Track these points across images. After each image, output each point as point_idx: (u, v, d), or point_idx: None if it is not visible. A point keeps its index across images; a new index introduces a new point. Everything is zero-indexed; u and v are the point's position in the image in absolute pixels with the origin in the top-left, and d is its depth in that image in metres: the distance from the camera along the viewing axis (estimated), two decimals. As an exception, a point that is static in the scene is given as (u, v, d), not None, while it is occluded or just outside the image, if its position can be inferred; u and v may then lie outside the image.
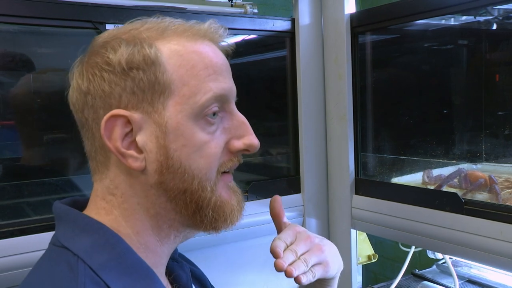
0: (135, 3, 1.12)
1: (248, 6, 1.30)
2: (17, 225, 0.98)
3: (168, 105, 0.63)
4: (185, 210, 0.65)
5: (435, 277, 1.52)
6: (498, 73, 1.40)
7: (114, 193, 0.65)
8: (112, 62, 0.62)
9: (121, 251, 0.62)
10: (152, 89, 0.62)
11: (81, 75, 0.64)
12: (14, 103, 1.10)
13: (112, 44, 0.63)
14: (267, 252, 0.71)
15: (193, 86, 0.63)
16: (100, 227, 0.63)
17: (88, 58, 0.65)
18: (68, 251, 0.61)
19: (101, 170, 0.66)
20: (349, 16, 1.27)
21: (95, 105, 0.63)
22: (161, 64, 0.62)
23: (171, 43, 0.64)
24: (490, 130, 1.36)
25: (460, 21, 1.38)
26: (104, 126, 0.61)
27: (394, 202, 1.18)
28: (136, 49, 0.62)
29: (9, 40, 1.07)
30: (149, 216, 0.65)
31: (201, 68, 0.64)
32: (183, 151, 0.63)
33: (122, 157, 0.62)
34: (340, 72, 1.29)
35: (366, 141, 1.35)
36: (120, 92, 0.62)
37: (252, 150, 0.69)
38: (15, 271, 0.95)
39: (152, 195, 0.65)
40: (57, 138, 1.17)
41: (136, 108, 0.62)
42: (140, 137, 0.63)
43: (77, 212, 0.65)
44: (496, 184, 1.11)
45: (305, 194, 1.35)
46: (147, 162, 0.63)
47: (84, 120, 0.65)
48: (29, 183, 1.11)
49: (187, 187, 0.64)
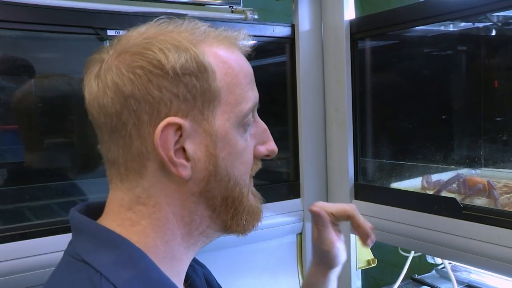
0: (136, 9, 1.13)
1: (248, 12, 1.31)
2: (19, 229, 0.98)
3: (217, 113, 0.62)
4: (224, 215, 0.66)
5: (434, 282, 1.53)
6: (497, 79, 1.40)
7: (146, 203, 0.62)
8: (164, 66, 0.59)
9: (145, 268, 0.60)
10: (203, 96, 0.61)
11: (119, 75, 0.59)
12: (17, 108, 1.10)
13: (156, 45, 0.60)
14: (267, 257, 0.72)
15: (237, 94, 0.63)
16: (122, 242, 0.60)
17: (123, 58, 0.60)
18: (90, 267, 0.58)
19: (132, 178, 0.62)
20: (349, 22, 1.28)
21: (138, 109, 0.59)
22: (213, 71, 0.61)
23: (216, 49, 0.63)
24: (489, 136, 1.37)
25: (459, 27, 1.38)
26: (160, 134, 0.58)
27: (393, 207, 1.18)
28: (189, 54, 0.60)
29: (11, 46, 1.08)
30: (182, 224, 0.64)
31: (242, 77, 0.64)
32: (229, 159, 0.63)
33: (172, 165, 0.60)
34: (339, 78, 1.30)
35: (365, 146, 1.36)
36: (171, 98, 0.59)
37: (272, 155, 0.70)
38: (16, 275, 0.96)
39: (191, 203, 0.64)
40: (57, 143, 1.17)
41: (186, 115, 0.60)
42: (189, 145, 0.61)
43: (97, 225, 0.63)
44: (494, 189, 1.11)
45: (305, 199, 1.35)
46: (194, 171, 0.62)
47: (120, 125, 0.60)
48: (29, 188, 1.11)
49: (229, 194, 0.65)
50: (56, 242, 1.00)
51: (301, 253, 1.38)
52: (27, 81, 1.11)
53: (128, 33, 0.64)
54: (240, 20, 1.28)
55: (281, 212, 1.32)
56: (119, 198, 0.64)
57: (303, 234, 1.37)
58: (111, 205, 0.65)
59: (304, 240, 1.37)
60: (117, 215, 0.63)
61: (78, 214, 0.64)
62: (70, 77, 1.16)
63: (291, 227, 1.35)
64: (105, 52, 0.63)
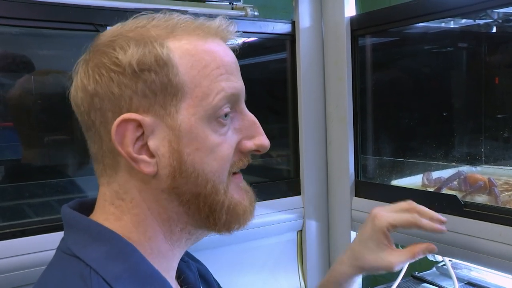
0: (136, 5, 1.13)
1: (248, 9, 1.31)
2: (18, 226, 0.98)
3: (181, 107, 0.60)
4: (198, 214, 0.64)
5: (434, 279, 1.52)
6: (498, 76, 1.40)
7: (124, 198, 0.63)
8: (122, 63, 0.59)
9: (135, 261, 0.60)
10: (165, 91, 0.60)
11: (86, 75, 0.61)
12: (13, 104, 1.10)
13: (119, 43, 0.60)
14: (266, 254, 0.71)
15: (205, 87, 0.61)
16: (113, 236, 0.61)
17: (93, 57, 0.61)
18: (80, 261, 0.59)
19: (109, 173, 0.63)
20: (349, 19, 1.28)
21: (103, 107, 0.60)
22: (174, 65, 0.60)
23: (181, 42, 0.61)
24: (490, 133, 1.36)
25: (459, 24, 1.38)
26: (115, 130, 0.59)
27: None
28: (147, 49, 0.59)
29: (11, 42, 1.08)
30: (161, 221, 0.64)
31: (213, 68, 0.62)
32: (196, 154, 0.61)
33: (134, 162, 0.60)
34: (340, 75, 1.29)
35: (366, 143, 1.35)
36: (130, 94, 0.59)
37: (263, 151, 0.67)
38: (13, 272, 0.96)
39: (163, 199, 0.63)
40: (56, 140, 1.17)
41: (147, 111, 0.60)
42: (152, 141, 0.60)
43: (88, 220, 0.63)
44: (495, 186, 1.11)
45: (305, 196, 1.35)
46: (159, 167, 0.61)
47: (91, 123, 0.62)
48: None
49: (201, 191, 0.63)
50: (55, 240, 0.99)
51: (301, 251, 1.38)
52: (24, 77, 1.11)
53: (105, 31, 0.65)
54: (240, 16, 1.28)
55: (281, 210, 1.32)
56: (103, 193, 0.65)
57: (303, 232, 1.37)
58: (98, 201, 0.66)
59: (304, 238, 1.37)
60: (102, 209, 0.64)
61: (70, 210, 0.65)
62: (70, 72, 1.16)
63: (291, 225, 1.34)
64: (87, 51, 0.64)
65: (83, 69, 0.62)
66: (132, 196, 0.63)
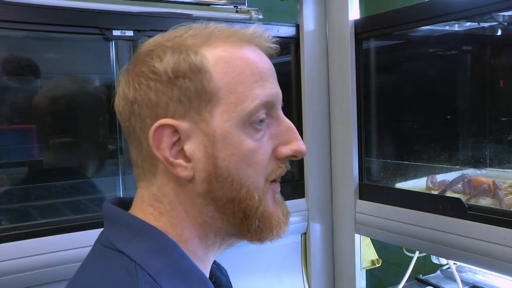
0: (141, 9, 1.14)
1: (253, 12, 1.31)
2: (24, 228, 0.99)
3: (215, 113, 0.62)
4: (232, 219, 0.65)
5: (439, 282, 1.52)
6: (503, 79, 1.40)
7: (162, 201, 0.65)
8: (158, 70, 0.61)
9: (177, 257, 0.62)
10: (199, 97, 0.61)
11: (127, 84, 0.64)
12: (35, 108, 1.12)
13: (157, 52, 0.63)
14: (271, 257, 0.72)
15: (240, 93, 0.62)
16: (155, 232, 0.62)
17: (133, 67, 0.64)
18: (125, 255, 0.60)
19: (148, 177, 0.66)
20: (353, 22, 1.28)
21: (142, 114, 0.63)
22: (207, 72, 0.61)
23: (216, 49, 0.63)
24: (494, 136, 1.36)
25: (464, 27, 1.38)
26: (152, 135, 0.61)
27: (398, 207, 1.18)
28: (182, 57, 0.61)
29: (17, 46, 1.09)
30: (196, 224, 0.65)
31: (247, 75, 0.63)
32: (231, 160, 0.62)
33: (171, 166, 0.62)
34: (344, 78, 1.30)
35: (370, 146, 1.36)
36: (167, 101, 0.61)
37: (299, 156, 0.68)
38: (23, 273, 0.96)
39: (199, 203, 0.64)
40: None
41: (183, 117, 0.61)
42: (188, 146, 0.62)
43: (131, 215, 0.65)
44: (499, 189, 1.11)
45: (309, 199, 1.35)
46: (195, 171, 0.62)
47: (131, 129, 0.65)
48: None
49: (235, 196, 0.63)
50: (61, 241, 1.00)
51: (305, 253, 1.38)
52: (33, 82, 1.12)
53: (146, 41, 0.67)
54: (245, 20, 1.28)
55: (286, 212, 1.32)
56: (141, 195, 0.67)
57: (307, 234, 1.37)
58: (136, 200, 0.68)
59: (308, 240, 1.37)
60: (141, 210, 0.66)
61: (111, 205, 0.67)
62: (75, 77, 1.17)
63: (296, 227, 1.35)
64: (130, 61, 0.67)
65: (124, 78, 0.65)
66: (170, 199, 0.65)
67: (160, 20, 1.12)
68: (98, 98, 1.21)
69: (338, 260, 1.39)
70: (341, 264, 1.38)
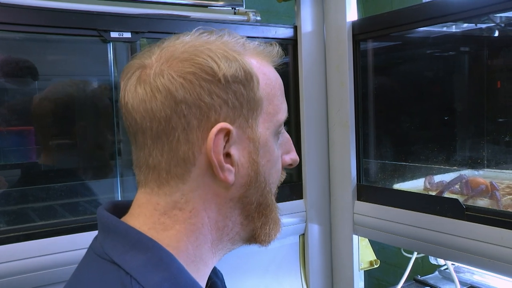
0: (139, 11, 1.14)
1: (251, 14, 1.31)
2: (23, 230, 0.99)
3: (259, 121, 0.64)
4: (256, 222, 0.68)
5: (437, 283, 1.53)
6: (500, 80, 1.41)
7: (183, 208, 0.63)
8: (216, 73, 0.60)
9: (175, 271, 0.60)
10: (249, 104, 0.63)
11: (171, 80, 0.60)
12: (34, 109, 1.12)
13: (207, 54, 0.61)
14: (269, 258, 0.72)
15: (275, 105, 0.66)
16: (153, 245, 0.61)
17: (172, 64, 0.61)
18: (120, 268, 0.58)
19: (173, 183, 0.63)
20: (351, 23, 1.28)
21: (189, 115, 0.60)
22: (257, 81, 0.64)
23: (253, 60, 0.65)
24: (492, 137, 1.37)
25: (461, 28, 1.39)
26: (213, 139, 0.60)
27: (396, 208, 1.18)
28: (237, 63, 0.62)
29: (15, 48, 1.09)
30: (215, 229, 0.65)
31: (278, 89, 0.67)
32: (267, 166, 0.66)
33: (221, 170, 0.62)
34: (342, 79, 1.30)
35: (368, 147, 1.36)
36: (221, 104, 0.61)
37: (294, 165, 0.73)
38: (22, 275, 0.96)
39: (228, 208, 0.65)
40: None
41: (233, 122, 0.62)
42: (234, 151, 0.63)
43: (127, 226, 0.63)
44: (497, 190, 1.11)
45: (307, 200, 1.35)
46: (237, 176, 0.64)
47: (169, 130, 0.61)
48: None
49: (263, 201, 0.67)
50: (60, 243, 1.00)
51: (304, 254, 1.39)
52: (31, 84, 1.12)
53: (171, 41, 0.65)
54: (243, 21, 1.29)
55: (284, 213, 1.30)
56: (154, 203, 0.64)
57: (305, 235, 1.37)
58: (142, 207, 0.65)
59: (306, 241, 1.37)
60: (149, 218, 0.64)
61: (107, 213, 0.65)
62: (73, 79, 1.17)
63: (294, 228, 1.35)
64: (145, 57, 0.64)
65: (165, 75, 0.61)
66: (193, 206, 0.64)
67: (158, 22, 1.12)
68: (96, 100, 1.21)
69: (336, 261, 1.39)
70: (339, 265, 1.38)
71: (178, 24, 1.15)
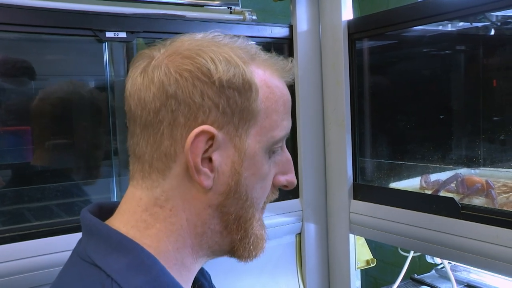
0: (135, 11, 1.14)
1: (247, 13, 1.31)
2: (19, 230, 0.99)
3: (250, 133, 0.63)
4: (231, 235, 0.67)
5: (434, 281, 1.53)
6: (496, 78, 1.41)
7: (163, 206, 0.63)
8: (212, 75, 0.60)
9: (157, 273, 0.60)
10: (242, 113, 0.62)
11: (166, 74, 0.61)
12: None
13: (208, 54, 0.61)
14: (265, 257, 0.72)
15: (273, 120, 0.65)
16: (134, 247, 0.61)
17: (173, 58, 0.62)
18: (101, 271, 0.58)
19: (154, 178, 0.63)
20: (347, 22, 1.28)
21: (177, 111, 0.60)
22: (255, 91, 0.62)
23: (260, 71, 0.64)
24: (488, 135, 1.37)
25: (457, 27, 1.39)
26: (193, 138, 0.60)
27: (392, 207, 1.19)
28: (238, 70, 0.61)
29: (11, 48, 1.09)
30: (194, 234, 0.65)
31: (281, 105, 0.65)
32: (251, 179, 0.64)
33: (196, 172, 0.61)
34: (338, 78, 1.30)
35: (364, 146, 1.36)
36: (211, 107, 0.60)
37: (290, 187, 0.71)
38: (17, 276, 0.96)
39: (206, 214, 0.64)
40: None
41: (221, 127, 0.61)
42: (216, 157, 0.62)
43: (110, 228, 0.63)
44: (492, 189, 1.11)
45: (303, 199, 1.35)
46: (216, 183, 0.63)
47: (155, 122, 0.61)
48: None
49: (243, 214, 0.66)
50: (56, 243, 1.00)
51: (300, 253, 1.39)
52: (28, 84, 1.12)
53: (182, 37, 0.65)
54: (239, 21, 1.29)
55: (280, 213, 1.32)
56: (138, 197, 0.64)
57: (302, 235, 1.37)
58: (127, 203, 0.65)
59: (303, 241, 1.37)
60: (132, 215, 0.64)
61: (90, 215, 0.65)
62: (69, 79, 1.17)
63: (290, 228, 1.35)
64: (156, 49, 0.64)
65: (161, 67, 0.62)
66: (173, 205, 0.63)
67: (154, 22, 1.12)
68: (92, 99, 1.21)
69: (333, 260, 1.39)
70: (336, 264, 1.38)
71: (174, 24, 1.14)
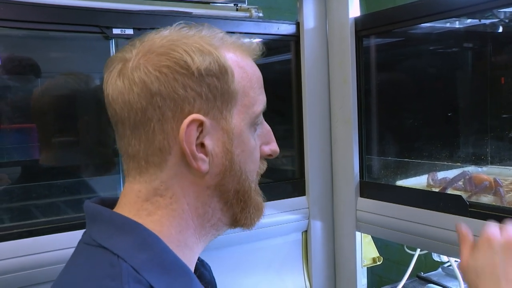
0: (141, 7, 1.14)
1: (253, 10, 1.31)
2: (26, 227, 0.99)
3: (233, 113, 0.67)
4: (232, 209, 0.71)
5: (440, 279, 1.53)
6: (504, 76, 1.40)
7: (163, 195, 0.66)
8: (190, 66, 0.63)
9: (160, 251, 0.63)
10: (223, 97, 0.66)
11: (146, 73, 0.63)
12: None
13: (182, 48, 0.64)
14: (272, 254, 0.73)
15: (251, 97, 0.69)
16: (136, 226, 0.64)
17: (149, 57, 0.64)
18: (107, 250, 0.62)
19: (152, 171, 0.66)
20: (354, 19, 1.28)
21: (163, 106, 0.63)
22: (232, 74, 0.66)
23: (231, 54, 0.67)
24: (496, 133, 1.36)
25: (465, 24, 1.38)
26: (185, 129, 0.63)
27: (399, 204, 1.18)
28: (212, 57, 0.64)
29: (17, 45, 1.09)
30: (196, 216, 0.68)
31: (255, 81, 0.70)
32: (242, 156, 0.69)
33: (193, 159, 0.64)
34: (344, 76, 1.30)
35: (370, 144, 1.35)
36: (194, 96, 0.64)
37: (274, 155, 0.76)
38: (23, 272, 0.97)
39: (206, 195, 0.68)
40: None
41: (207, 114, 0.65)
42: (208, 142, 0.66)
43: (111, 212, 0.66)
44: (501, 186, 1.11)
45: (310, 196, 1.35)
46: (211, 165, 0.66)
47: (145, 120, 0.64)
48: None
49: (240, 188, 0.70)
50: (62, 240, 1.01)
51: (307, 251, 1.39)
52: (33, 81, 1.12)
53: (151, 36, 0.67)
54: (245, 18, 1.28)
55: (287, 210, 1.32)
56: (136, 190, 0.67)
57: (308, 232, 1.37)
58: (127, 197, 0.68)
59: (309, 238, 1.37)
60: (133, 205, 0.67)
61: (92, 204, 0.68)
62: (75, 75, 1.17)
63: (297, 225, 1.35)
64: (127, 51, 0.66)
65: (139, 67, 0.64)
66: (173, 192, 0.67)
67: (160, 18, 1.12)
68: (98, 96, 1.21)
69: (339, 258, 1.39)
70: (342, 261, 1.38)
71: (180, 21, 1.14)
